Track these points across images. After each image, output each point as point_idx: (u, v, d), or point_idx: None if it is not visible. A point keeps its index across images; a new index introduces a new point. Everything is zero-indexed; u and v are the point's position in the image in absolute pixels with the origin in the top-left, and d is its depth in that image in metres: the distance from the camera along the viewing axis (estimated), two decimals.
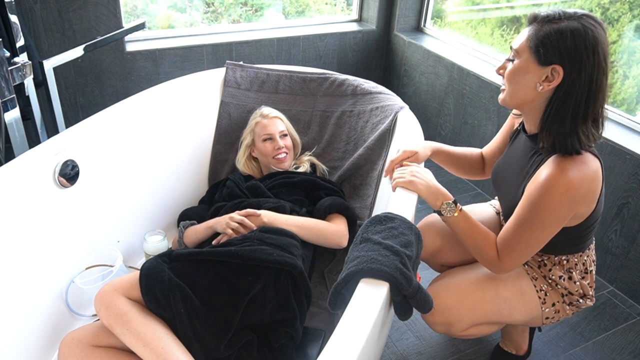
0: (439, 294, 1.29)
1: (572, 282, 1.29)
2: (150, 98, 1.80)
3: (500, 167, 1.35)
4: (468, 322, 1.29)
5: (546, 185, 1.07)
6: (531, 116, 1.17)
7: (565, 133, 1.08)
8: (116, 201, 1.66)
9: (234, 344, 1.24)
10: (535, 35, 1.07)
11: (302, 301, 1.36)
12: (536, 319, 1.31)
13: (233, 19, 2.80)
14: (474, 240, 1.21)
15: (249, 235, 1.40)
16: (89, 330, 1.23)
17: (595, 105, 1.07)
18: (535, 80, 1.09)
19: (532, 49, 1.08)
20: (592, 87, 1.05)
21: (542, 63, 1.07)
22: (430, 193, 1.26)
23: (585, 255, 1.29)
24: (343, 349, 0.87)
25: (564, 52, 1.04)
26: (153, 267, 1.24)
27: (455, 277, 1.33)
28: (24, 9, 2.05)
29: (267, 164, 1.78)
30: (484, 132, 2.40)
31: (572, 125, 1.08)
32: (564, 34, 1.03)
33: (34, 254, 1.37)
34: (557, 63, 1.05)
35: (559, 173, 1.06)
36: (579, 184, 1.07)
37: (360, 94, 1.94)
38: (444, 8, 2.90)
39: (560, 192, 1.06)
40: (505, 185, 1.30)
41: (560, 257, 1.28)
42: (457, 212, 1.22)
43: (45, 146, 1.43)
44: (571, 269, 1.29)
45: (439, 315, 1.28)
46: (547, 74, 1.07)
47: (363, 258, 1.05)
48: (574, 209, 1.11)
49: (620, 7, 2.03)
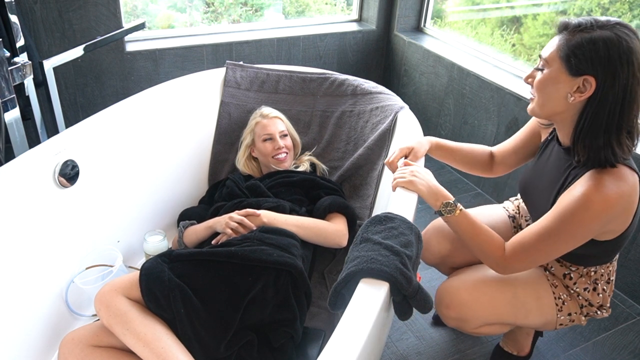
0: (458, 289, 1.28)
1: (596, 294, 1.27)
2: (150, 98, 1.80)
3: (530, 178, 1.32)
4: (482, 321, 1.28)
5: (582, 200, 1.04)
6: (563, 128, 1.15)
7: (599, 146, 1.05)
8: (116, 201, 1.66)
9: (234, 344, 1.24)
10: (567, 45, 1.04)
11: (302, 301, 1.36)
12: (550, 324, 1.30)
13: (233, 19, 2.80)
14: (476, 240, 1.20)
15: (249, 235, 1.40)
16: (89, 330, 1.23)
17: (630, 116, 1.04)
18: (567, 90, 1.06)
19: (563, 58, 1.04)
20: (626, 97, 1.02)
21: (574, 73, 1.04)
22: (430, 193, 1.25)
23: (612, 265, 1.28)
24: (343, 349, 0.87)
25: (597, 62, 1.00)
26: (153, 267, 1.24)
27: (473, 274, 1.32)
28: (24, 9, 2.05)
29: (267, 164, 1.78)
30: (484, 132, 2.40)
31: (606, 137, 1.04)
32: (596, 44, 1.00)
33: (34, 254, 1.37)
34: (590, 74, 1.02)
35: (597, 189, 1.03)
36: (616, 201, 1.03)
37: (360, 94, 1.94)
38: (444, 8, 2.90)
39: (596, 208, 1.03)
40: (537, 197, 1.27)
41: (589, 269, 1.26)
42: (457, 212, 1.21)
43: (45, 146, 1.43)
44: (597, 279, 1.27)
45: (455, 309, 1.27)
46: (579, 84, 1.04)
47: (363, 258, 1.05)
48: (607, 227, 1.09)
49: (620, 7, 2.03)
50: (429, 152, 1.48)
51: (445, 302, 1.29)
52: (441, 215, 1.24)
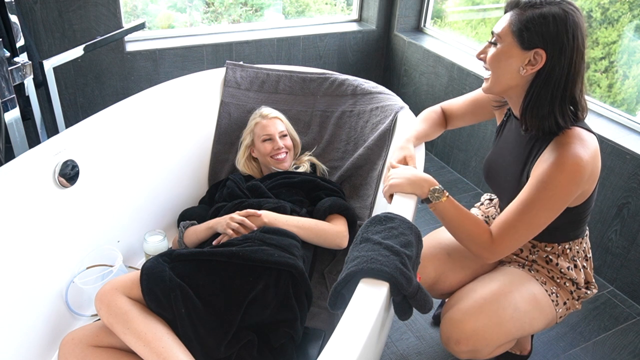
0: (462, 322, 1.23)
1: (578, 270, 1.31)
2: (150, 98, 1.80)
3: (493, 159, 1.35)
4: (494, 345, 1.24)
5: (555, 165, 1.08)
6: (517, 101, 1.19)
7: (543, 115, 1.11)
8: (116, 201, 1.66)
9: (235, 344, 1.24)
10: (518, 20, 1.09)
11: (303, 301, 1.36)
12: (552, 321, 1.31)
13: (233, 19, 2.80)
14: (464, 226, 1.20)
15: (250, 236, 1.40)
16: (89, 330, 1.23)
17: (573, 88, 1.10)
18: (519, 64, 1.11)
19: (515, 33, 1.09)
20: (570, 70, 1.08)
21: (526, 47, 1.09)
22: (414, 185, 1.25)
23: (584, 242, 1.32)
24: (343, 349, 0.87)
25: (547, 36, 1.06)
26: (154, 267, 1.24)
27: (469, 299, 1.27)
28: (24, 9, 2.05)
29: (267, 164, 1.78)
30: (484, 132, 2.40)
31: (550, 108, 1.10)
32: (547, 18, 1.06)
33: (34, 254, 1.37)
34: (540, 47, 1.07)
35: (568, 152, 1.08)
36: (587, 161, 1.08)
37: (360, 94, 1.94)
38: (444, 8, 2.90)
39: (572, 169, 1.07)
40: (502, 175, 1.30)
41: (563, 246, 1.29)
42: (444, 197, 1.21)
43: (45, 146, 1.43)
44: (574, 257, 1.30)
45: (466, 343, 1.22)
46: (530, 57, 1.09)
47: (363, 258, 1.05)
48: (582, 187, 1.12)
49: (620, 7, 2.03)
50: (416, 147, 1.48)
51: (454, 338, 1.23)
52: (429, 203, 1.23)
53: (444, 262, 1.39)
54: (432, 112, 1.55)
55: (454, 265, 1.39)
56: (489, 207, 1.51)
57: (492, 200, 1.53)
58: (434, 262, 1.38)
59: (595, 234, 1.93)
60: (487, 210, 1.50)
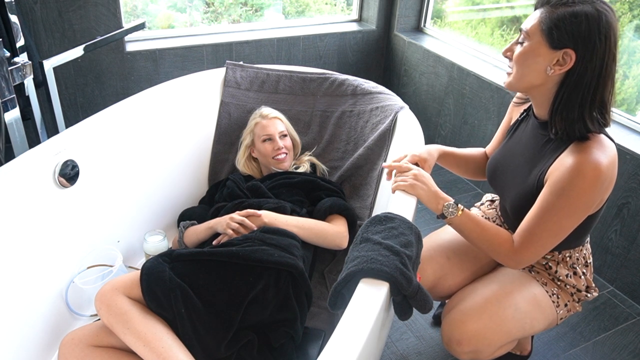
0: (463, 322, 1.23)
1: (578, 277, 1.29)
2: (150, 98, 1.80)
3: (500, 159, 1.32)
4: (496, 346, 1.24)
5: (576, 170, 1.04)
6: (541, 101, 1.15)
7: (573, 119, 1.07)
8: (116, 201, 1.66)
9: (235, 344, 1.24)
10: (549, 18, 1.04)
11: (303, 301, 1.36)
12: (553, 322, 1.31)
13: (233, 19, 2.80)
14: (484, 237, 1.19)
15: (250, 236, 1.40)
16: (89, 330, 1.23)
17: (604, 92, 1.06)
18: (546, 63, 1.06)
19: (544, 31, 1.05)
20: (602, 72, 1.03)
21: (555, 46, 1.04)
22: (430, 198, 1.24)
23: (585, 249, 1.30)
24: (343, 349, 0.87)
25: (578, 36, 1.01)
26: (154, 267, 1.24)
27: (470, 300, 1.27)
28: (24, 9, 2.05)
29: (267, 164, 1.78)
30: (484, 132, 2.40)
31: (580, 111, 1.06)
32: (578, 17, 1.01)
33: (34, 254, 1.37)
34: (570, 47, 1.03)
35: (589, 157, 1.04)
36: (607, 167, 1.05)
37: (360, 94, 1.94)
38: (444, 8, 2.90)
39: (592, 175, 1.04)
40: (510, 176, 1.26)
41: (563, 254, 1.28)
42: (459, 212, 1.20)
43: (45, 146, 1.43)
44: (574, 264, 1.29)
45: (467, 344, 1.21)
46: (559, 57, 1.05)
47: (363, 258, 1.05)
48: (602, 194, 1.09)
49: (620, 7, 2.03)
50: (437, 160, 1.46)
51: (455, 339, 1.23)
52: (444, 218, 1.22)
53: (443, 266, 1.38)
54: (477, 150, 1.51)
55: (453, 269, 1.38)
56: (490, 208, 1.50)
57: (493, 201, 1.52)
58: (433, 265, 1.38)
59: (595, 234, 1.93)
60: (487, 212, 1.49)
